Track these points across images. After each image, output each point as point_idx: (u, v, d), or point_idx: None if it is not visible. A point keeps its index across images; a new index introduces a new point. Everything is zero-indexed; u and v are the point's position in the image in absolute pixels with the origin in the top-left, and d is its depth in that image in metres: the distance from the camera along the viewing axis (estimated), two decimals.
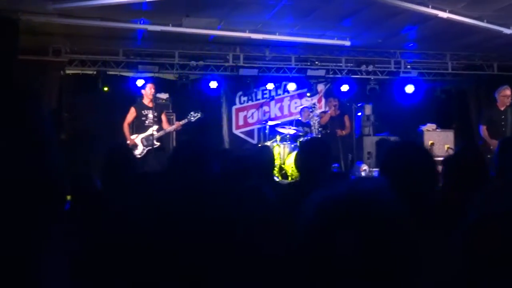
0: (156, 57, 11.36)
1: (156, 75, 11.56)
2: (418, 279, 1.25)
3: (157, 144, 9.29)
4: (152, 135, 9.21)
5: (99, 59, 11.21)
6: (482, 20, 9.34)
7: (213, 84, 11.77)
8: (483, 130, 9.29)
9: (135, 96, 10.71)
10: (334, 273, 1.20)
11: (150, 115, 9.32)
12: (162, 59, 11.41)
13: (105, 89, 11.25)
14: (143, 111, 9.36)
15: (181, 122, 9.63)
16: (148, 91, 9.43)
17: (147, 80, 11.11)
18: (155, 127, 9.28)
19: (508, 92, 9.24)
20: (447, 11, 8.88)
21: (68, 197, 4.05)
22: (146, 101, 9.44)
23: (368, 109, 12.63)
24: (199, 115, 9.62)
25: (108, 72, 11.31)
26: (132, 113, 9.39)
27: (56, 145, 2.46)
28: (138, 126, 9.35)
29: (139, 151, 9.12)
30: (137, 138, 9.25)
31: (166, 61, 11.46)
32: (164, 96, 11.53)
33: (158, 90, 11.28)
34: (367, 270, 1.18)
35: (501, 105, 9.28)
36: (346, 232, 1.19)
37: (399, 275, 1.20)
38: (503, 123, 9.16)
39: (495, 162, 3.76)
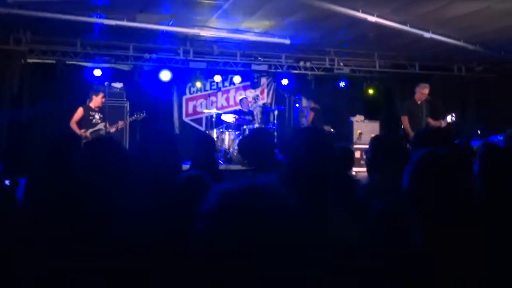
0: (112, 49, 11.36)
1: (112, 65, 11.51)
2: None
3: None
4: (101, 129, 9.26)
5: (58, 50, 11.09)
6: (406, 24, 9.56)
7: (165, 76, 11.77)
8: (404, 120, 9.65)
9: (92, 84, 10.70)
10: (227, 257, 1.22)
11: (97, 116, 9.45)
12: (118, 51, 11.41)
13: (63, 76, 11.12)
14: (90, 112, 9.38)
15: (125, 121, 9.99)
16: (99, 100, 9.44)
17: (104, 70, 11.12)
18: (103, 124, 9.33)
19: (426, 90, 9.70)
20: (375, 15, 9.05)
21: None
22: (93, 105, 9.43)
23: (304, 102, 12.93)
24: (143, 114, 9.86)
25: (67, 62, 11.16)
26: (79, 113, 9.39)
27: None
28: (86, 123, 9.34)
29: None
30: (86, 133, 9.20)
31: (121, 53, 11.44)
32: (118, 85, 11.51)
33: (113, 79, 11.29)
34: (252, 253, 1.21)
35: (419, 99, 9.70)
36: (240, 219, 1.23)
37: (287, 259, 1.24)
38: (420, 115, 9.58)
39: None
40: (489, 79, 12.79)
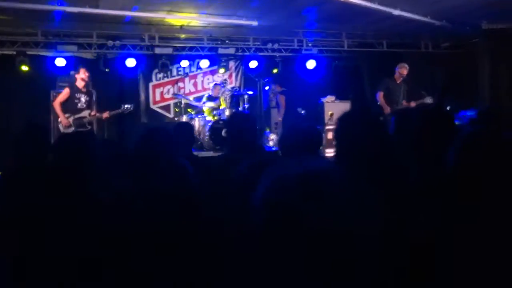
0: (74, 37, 10.94)
1: (75, 54, 11.07)
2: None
3: (88, 127, 8.92)
4: (84, 117, 8.87)
5: (18, 40, 10.58)
6: (374, 2, 9.41)
7: (130, 62, 11.39)
8: (380, 96, 9.90)
9: (55, 75, 10.27)
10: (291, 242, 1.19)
11: (83, 99, 8.98)
12: (81, 39, 10.96)
13: (24, 68, 10.62)
14: (76, 94, 8.93)
15: (111, 113, 9.38)
16: (83, 75, 8.98)
17: (67, 60, 10.72)
18: (87, 111, 8.93)
19: (405, 70, 10.13)
20: None
21: None
22: (80, 84, 8.98)
23: (273, 85, 12.73)
24: (130, 108, 9.45)
25: (27, 52, 10.66)
26: (65, 94, 8.93)
27: None
28: (71, 107, 8.88)
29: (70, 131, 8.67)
30: (69, 119, 8.79)
31: (85, 41, 11.00)
32: None
33: (77, 69, 10.86)
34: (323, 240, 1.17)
35: (398, 78, 9.98)
36: (299, 205, 1.18)
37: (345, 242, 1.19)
38: (397, 93, 9.98)
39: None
40: (455, 55, 12.81)
